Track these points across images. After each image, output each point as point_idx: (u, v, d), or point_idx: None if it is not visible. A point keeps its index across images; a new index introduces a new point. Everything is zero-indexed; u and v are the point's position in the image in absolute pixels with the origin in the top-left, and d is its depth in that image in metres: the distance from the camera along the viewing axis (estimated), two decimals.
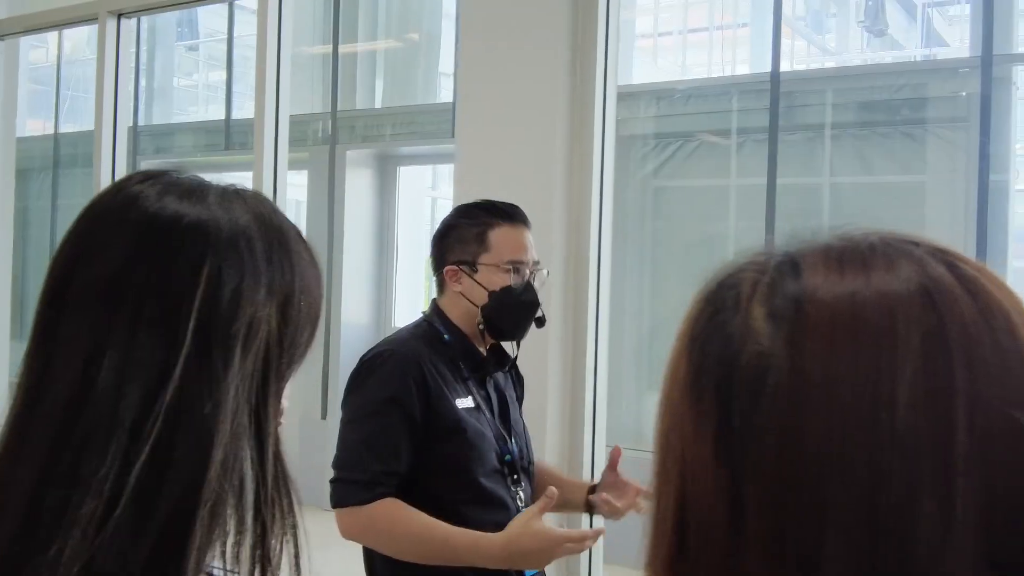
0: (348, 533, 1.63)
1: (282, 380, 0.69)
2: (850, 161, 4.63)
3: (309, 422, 5.13)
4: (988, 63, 3.89)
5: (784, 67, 11.38)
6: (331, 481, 1.63)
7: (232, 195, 0.71)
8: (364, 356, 1.69)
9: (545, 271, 1.77)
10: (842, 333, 0.46)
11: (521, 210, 1.72)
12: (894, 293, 0.47)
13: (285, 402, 0.71)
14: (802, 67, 11.44)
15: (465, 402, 1.67)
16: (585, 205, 2.20)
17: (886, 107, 4.48)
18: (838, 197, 4.63)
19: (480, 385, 1.73)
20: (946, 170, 4.26)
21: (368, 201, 5.73)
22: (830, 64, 11.50)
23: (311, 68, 6.61)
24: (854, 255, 0.49)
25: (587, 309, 2.17)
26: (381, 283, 5.69)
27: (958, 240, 3.88)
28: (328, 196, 5.62)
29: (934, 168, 4.32)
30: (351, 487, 1.60)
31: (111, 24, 3.15)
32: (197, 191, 0.69)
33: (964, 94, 3.99)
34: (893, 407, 0.44)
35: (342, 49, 6.27)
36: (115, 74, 3.21)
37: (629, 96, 5.25)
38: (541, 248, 1.79)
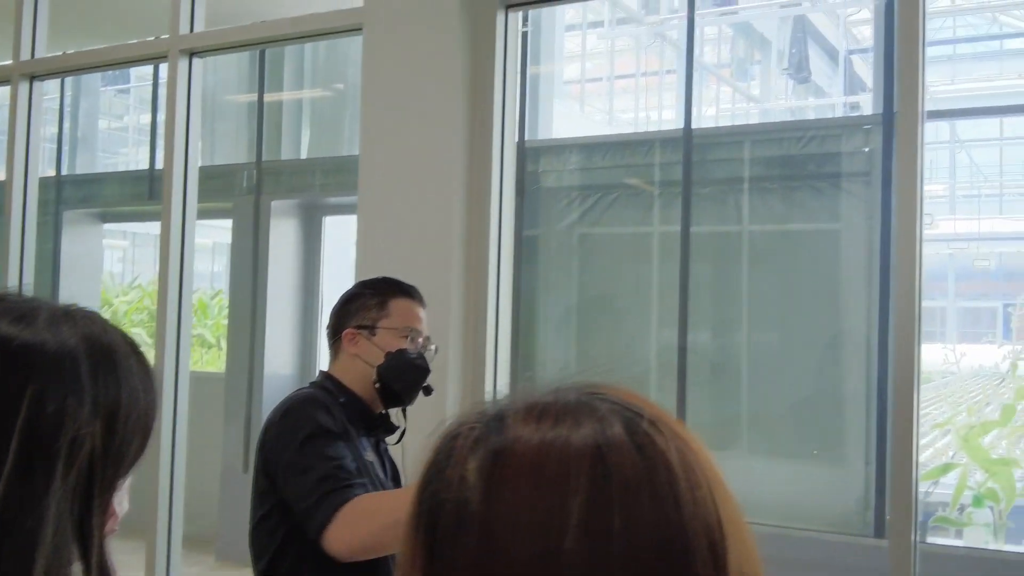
0: (341, 542, 1.57)
1: (109, 491, 0.74)
2: (766, 210, 4.75)
3: (232, 475, 5.06)
4: (890, 120, 4.04)
5: (709, 112, 11.65)
6: (303, 512, 1.60)
7: (62, 317, 0.75)
8: (275, 413, 1.73)
9: (434, 347, 1.84)
10: (526, 481, 0.54)
11: (419, 292, 1.81)
12: (573, 448, 0.55)
13: (123, 505, 0.76)
14: (726, 114, 11.72)
15: (367, 455, 1.72)
16: (483, 259, 2.23)
17: (800, 160, 4.61)
18: (755, 245, 4.74)
19: (375, 450, 1.79)
20: (860, 219, 4.40)
21: (293, 251, 5.71)
22: (754, 110, 11.79)
23: (237, 117, 6.60)
24: (552, 411, 0.58)
25: (484, 371, 2.20)
26: (306, 333, 5.66)
27: (869, 284, 4.00)
28: (252, 246, 5.59)
29: (847, 218, 4.46)
30: (324, 502, 1.58)
31: (23, 87, 3.13)
32: (28, 314, 0.74)
33: (867, 149, 4.13)
34: (561, 545, 0.52)
35: (268, 98, 6.27)
36: (27, 127, 3.18)
37: (555, 149, 5.33)
38: (438, 307, 1.83)
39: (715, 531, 0.55)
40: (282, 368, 5.51)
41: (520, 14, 3.56)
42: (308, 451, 1.64)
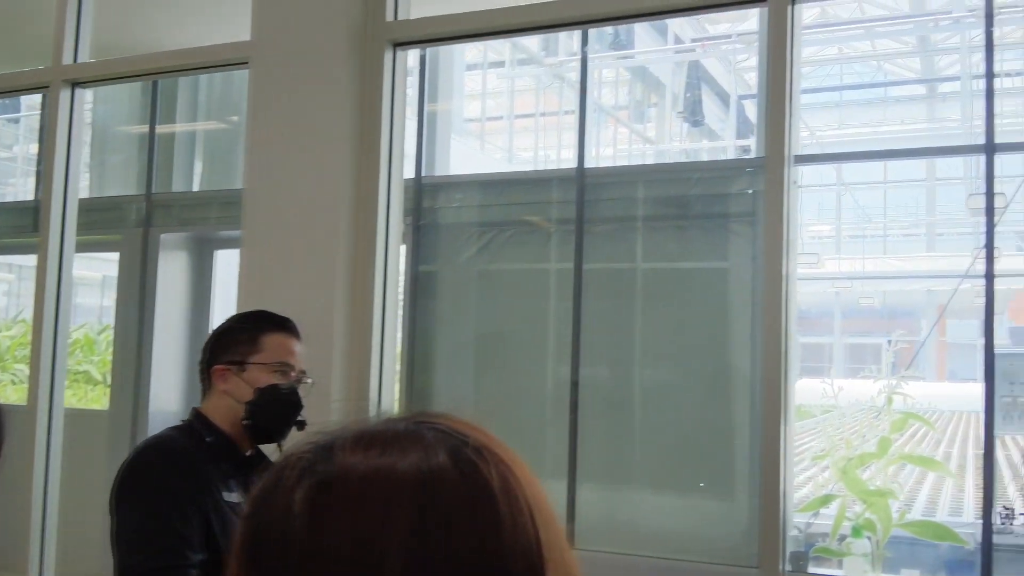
0: None
1: None
2: (659, 248, 4.86)
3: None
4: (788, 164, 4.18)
5: (607, 153, 11.85)
6: None
7: None
8: (128, 461, 1.68)
9: (310, 381, 1.81)
10: (350, 509, 0.55)
11: (293, 323, 1.78)
12: (398, 476, 0.56)
13: None
14: (624, 155, 11.95)
15: (232, 496, 1.68)
16: (368, 294, 2.23)
17: (690, 201, 4.75)
18: (648, 282, 4.84)
19: (244, 488, 1.73)
20: (746, 258, 4.54)
21: (182, 285, 5.58)
22: (650, 152, 12.06)
23: (128, 148, 6.45)
24: (379, 440, 0.59)
25: (368, 405, 2.19)
26: (194, 369, 5.51)
27: (752, 322, 4.12)
28: (140, 280, 5.45)
29: (734, 257, 4.60)
30: None
31: None
32: None
33: (750, 191, 4.28)
34: (383, 573, 0.53)
35: (161, 129, 6.16)
36: None
37: (454, 185, 5.36)
38: (322, 341, 1.81)
39: (534, 554, 0.56)
40: (168, 405, 5.36)
41: (417, 52, 3.60)
42: (148, 526, 1.59)
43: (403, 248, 4.10)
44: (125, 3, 4.83)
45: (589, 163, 5.38)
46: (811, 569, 3.95)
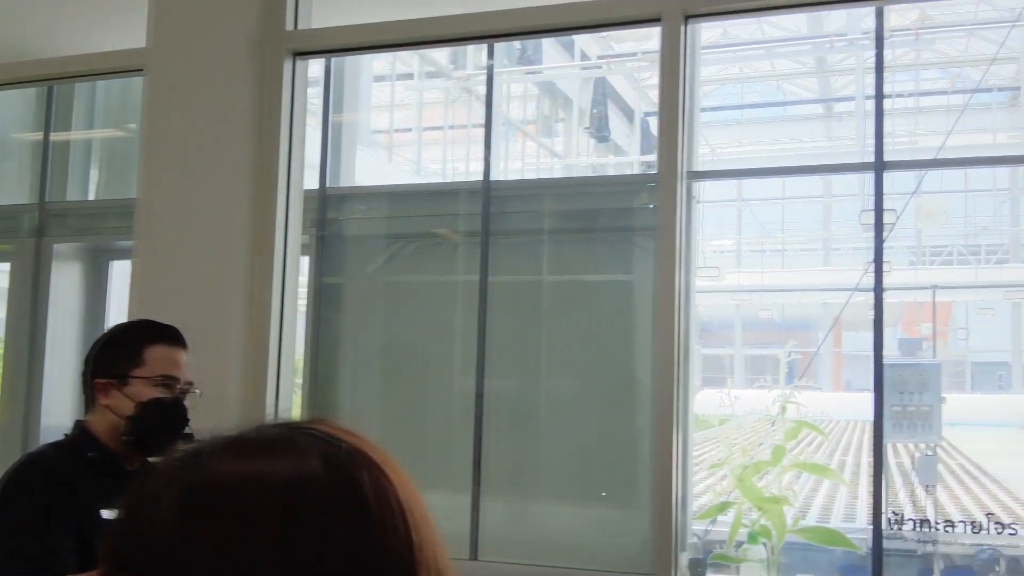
0: None
1: None
2: (564, 261, 4.92)
3: None
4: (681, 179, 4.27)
5: (515, 166, 11.92)
6: None
7: None
8: (1, 480, 1.62)
9: (199, 392, 1.77)
10: (219, 516, 0.55)
11: (179, 331, 1.74)
12: (267, 481, 0.56)
13: None
14: (532, 168, 12.05)
15: (113, 513, 1.63)
16: (265, 305, 2.20)
17: (595, 214, 4.81)
18: (554, 294, 4.90)
19: None
20: (648, 271, 4.62)
21: (77, 296, 5.41)
22: (558, 166, 12.19)
23: (21, 156, 6.24)
24: (249, 446, 0.60)
25: (264, 418, 2.16)
26: None
27: (654, 333, 4.19)
28: (32, 291, 5.27)
29: (638, 270, 4.68)
30: None
31: None
32: None
33: (651, 206, 4.36)
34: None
35: (56, 137, 5.97)
36: None
37: (360, 196, 5.33)
38: (218, 353, 1.78)
39: (407, 557, 0.57)
40: (61, 418, 5.19)
41: (321, 62, 3.58)
42: (21, 545, 1.55)
43: (306, 259, 4.06)
44: (20, 8, 4.68)
45: (497, 176, 5.42)
46: (709, 575, 4.04)
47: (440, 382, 4.61)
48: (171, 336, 1.74)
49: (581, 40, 10.53)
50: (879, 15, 4.06)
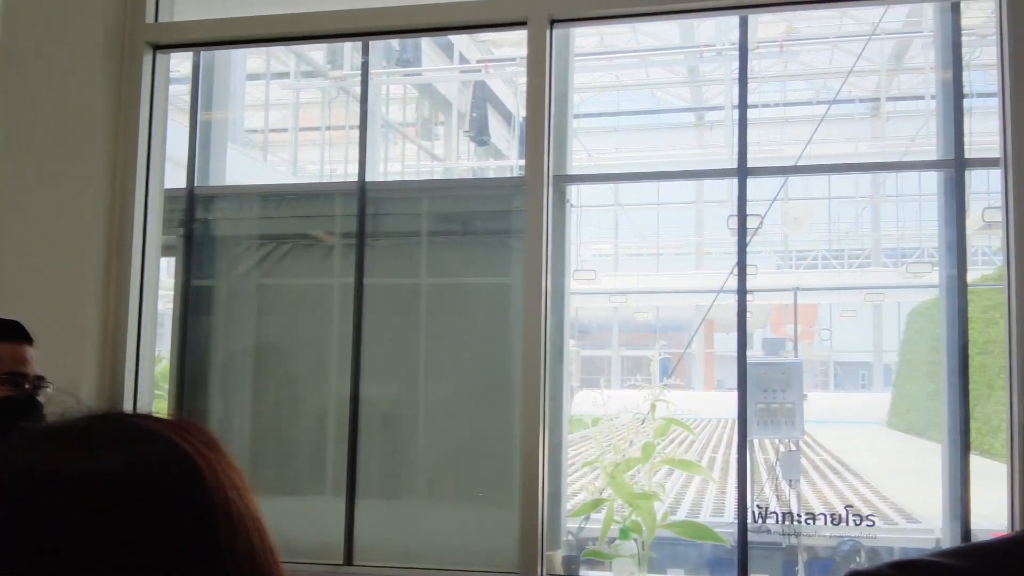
0: None
1: None
2: (442, 264, 4.92)
3: None
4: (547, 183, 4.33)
5: (395, 168, 11.86)
6: None
7: None
8: None
9: (51, 387, 1.71)
10: (22, 507, 0.54)
11: (21, 326, 1.67)
12: (73, 475, 0.55)
13: None
14: (412, 171, 12.02)
15: None
16: (123, 305, 2.13)
17: (473, 217, 4.83)
18: (432, 297, 4.89)
19: None
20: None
21: None
22: (439, 169, 12.20)
23: None
24: (66, 437, 0.59)
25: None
26: None
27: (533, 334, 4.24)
28: None
29: (516, 272, 4.72)
30: None
31: None
32: None
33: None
34: (53, 570, 0.52)
35: None
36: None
37: (232, 197, 5.20)
38: (71, 350, 1.71)
39: (213, 555, 0.56)
40: None
41: (190, 58, 3.48)
42: None
43: (173, 260, 3.94)
44: None
45: (376, 179, 5.36)
46: (583, 572, 4.10)
47: (314, 386, 4.54)
48: (14, 333, 1.67)
49: (460, 43, 10.56)
50: (743, 26, 4.20)
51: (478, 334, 4.38)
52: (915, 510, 7.64)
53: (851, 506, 7.77)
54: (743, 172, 4.01)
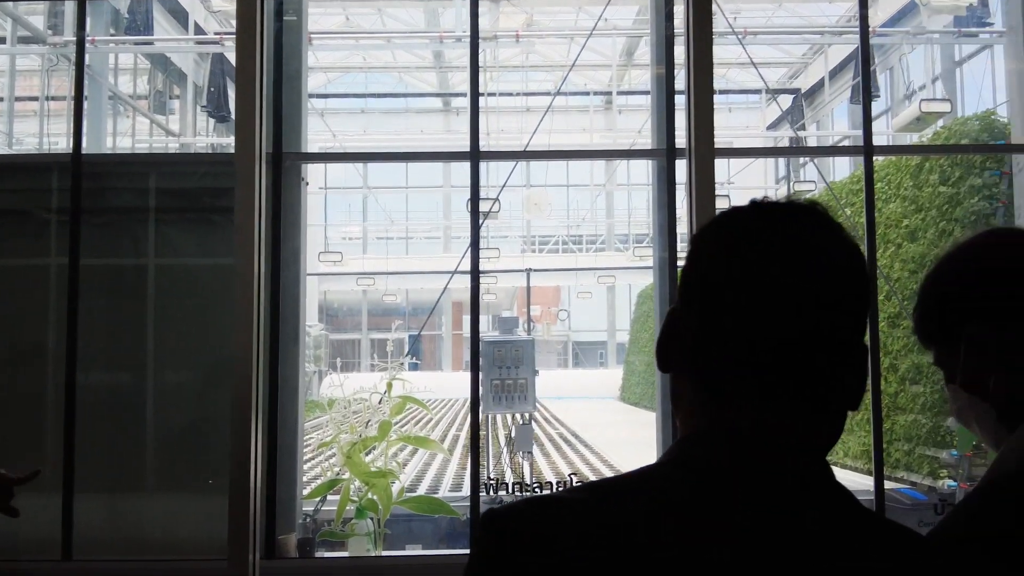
0: None
1: None
2: (172, 243, 4.71)
3: None
4: (279, 160, 4.27)
5: (124, 143, 11.19)
6: None
7: None
8: None
9: None
10: None
11: None
12: None
13: None
14: (144, 145, 11.40)
15: None
16: None
17: (200, 194, 4.66)
18: (160, 278, 4.67)
19: None
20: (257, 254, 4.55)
21: None
22: (173, 144, 11.63)
23: None
24: None
25: None
26: None
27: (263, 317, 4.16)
28: None
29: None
30: None
31: None
32: None
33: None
34: None
35: None
36: None
37: None
38: None
39: None
40: None
41: None
42: None
43: None
44: None
45: (98, 150, 5.04)
46: (320, 553, 4.09)
47: (27, 375, 4.24)
48: None
49: (197, 14, 10.10)
50: (474, 15, 4.33)
51: (209, 317, 4.25)
52: None
53: (575, 473, 8.23)
54: (475, 155, 4.15)
